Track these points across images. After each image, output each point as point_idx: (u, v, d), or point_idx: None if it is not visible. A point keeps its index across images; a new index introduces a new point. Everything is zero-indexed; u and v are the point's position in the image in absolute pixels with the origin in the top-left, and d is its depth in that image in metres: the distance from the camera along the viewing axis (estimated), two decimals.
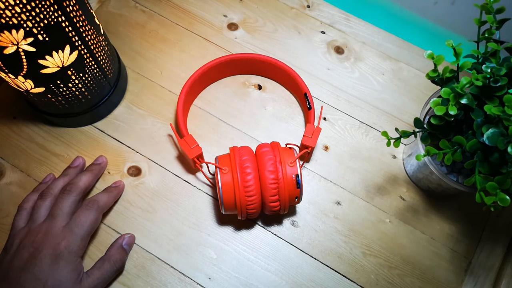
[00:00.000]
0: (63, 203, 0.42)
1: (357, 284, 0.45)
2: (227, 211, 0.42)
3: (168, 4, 0.59)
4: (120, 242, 0.44)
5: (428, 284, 0.46)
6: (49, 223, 0.41)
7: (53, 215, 0.41)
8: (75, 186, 0.43)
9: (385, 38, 0.58)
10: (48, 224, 0.41)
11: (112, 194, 0.46)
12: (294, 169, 0.41)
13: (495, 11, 0.38)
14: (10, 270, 0.38)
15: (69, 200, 0.42)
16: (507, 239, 0.48)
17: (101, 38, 0.45)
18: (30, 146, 0.50)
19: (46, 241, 0.39)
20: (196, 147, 0.45)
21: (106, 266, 0.42)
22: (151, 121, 0.52)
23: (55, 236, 0.40)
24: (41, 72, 0.39)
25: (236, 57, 0.52)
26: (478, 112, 0.36)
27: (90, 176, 0.45)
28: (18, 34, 0.34)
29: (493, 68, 0.36)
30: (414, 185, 0.50)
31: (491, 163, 0.36)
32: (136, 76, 0.54)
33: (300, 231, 0.47)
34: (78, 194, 0.43)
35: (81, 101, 0.46)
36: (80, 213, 0.42)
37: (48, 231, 0.40)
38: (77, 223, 0.41)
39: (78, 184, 0.44)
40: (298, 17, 0.59)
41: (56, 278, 0.38)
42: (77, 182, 0.44)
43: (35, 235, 0.40)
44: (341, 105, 0.54)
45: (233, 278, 0.45)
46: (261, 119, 0.53)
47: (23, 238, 0.40)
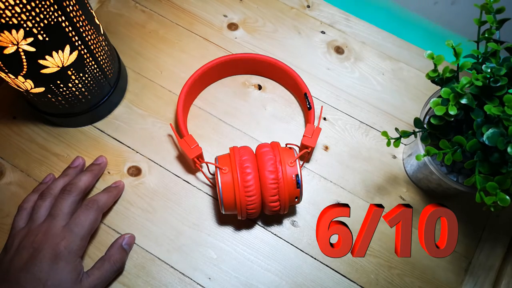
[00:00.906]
0: (63, 203, 0.42)
1: (357, 284, 0.45)
2: (227, 211, 0.42)
3: (168, 4, 0.59)
4: (120, 242, 0.44)
5: (428, 284, 0.46)
6: (49, 223, 0.41)
7: (52, 215, 0.41)
8: (75, 186, 0.43)
9: (385, 38, 0.58)
10: (47, 224, 0.41)
11: (112, 194, 0.46)
12: (294, 169, 0.41)
13: (495, 11, 0.38)
14: (10, 270, 0.38)
15: (69, 200, 0.42)
16: (507, 239, 0.48)
17: (101, 38, 0.45)
18: (30, 146, 0.50)
19: (46, 241, 0.39)
20: (196, 147, 0.45)
21: (106, 266, 0.42)
22: (151, 121, 0.52)
23: (55, 236, 0.40)
24: (41, 72, 0.39)
25: (236, 57, 0.52)
26: (478, 112, 0.36)
27: (90, 176, 0.46)
28: (18, 34, 0.34)
29: (493, 68, 0.36)
30: (414, 185, 0.50)
31: (491, 163, 0.36)
32: (136, 76, 0.54)
33: (300, 231, 0.47)
34: (78, 194, 0.43)
35: (81, 101, 0.46)
36: (80, 213, 0.42)
37: (48, 231, 0.40)
38: (77, 223, 0.41)
39: (78, 184, 0.44)
40: (298, 17, 0.59)
41: (56, 278, 0.38)
42: (77, 182, 0.44)
43: (35, 235, 0.40)
44: (341, 105, 0.54)
45: (233, 278, 0.45)
46: (261, 119, 0.53)
47: (23, 239, 0.40)
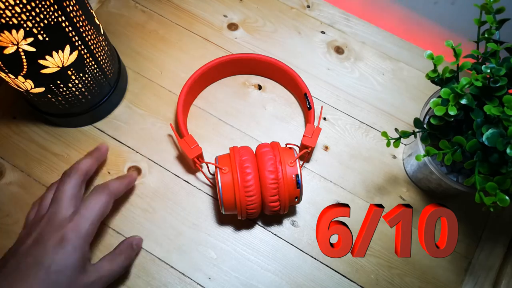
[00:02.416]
0: (64, 186, 0.40)
1: (357, 284, 0.45)
2: (227, 211, 0.42)
3: (168, 4, 0.59)
4: (131, 241, 0.43)
5: (428, 284, 0.46)
6: (52, 208, 0.39)
7: (55, 200, 0.39)
8: (75, 169, 0.42)
9: (385, 38, 0.58)
10: (51, 209, 0.39)
11: (124, 181, 0.44)
12: (294, 169, 0.41)
13: (495, 11, 0.38)
14: (12, 258, 0.36)
15: (71, 182, 0.40)
16: (507, 239, 0.48)
17: (101, 38, 0.45)
18: (30, 146, 0.50)
19: (50, 225, 0.37)
20: (196, 147, 0.45)
21: (118, 260, 0.40)
22: (151, 121, 0.52)
23: (62, 220, 0.38)
24: (41, 72, 0.39)
25: (236, 57, 0.52)
26: (478, 112, 0.37)
27: (90, 159, 0.44)
28: (18, 34, 0.34)
29: (493, 69, 0.36)
30: (414, 185, 0.50)
31: (490, 163, 0.36)
32: (136, 76, 0.54)
33: (300, 231, 0.47)
34: (79, 176, 0.41)
35: (81, 101, 0.46)
36: (90, 196, 0.40)
37: (53, 215, 0.38)
38: (87, 206, 0.39)
39: (78, 166, 0.42)
40: (298, 17, 0.59)
41: (60, 263, 0.35)
42: (77, 165, 0.42)
43: (41, 221, 0.38)
44: (341, 105, 0.54)
45: (233, 278, 0.45)
46: (261, 119, 0.53)
47: (30, 227, 0.39)
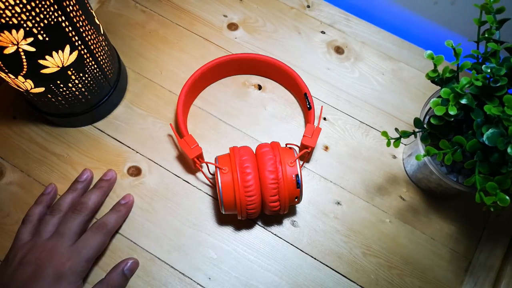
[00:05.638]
0: (72, 223, 0.41)
1: (357, 284, 0.45)
2: (227, 211, 0.42)
3: (168, 4, 0.59)
4: (122, 267, 0.43)
5: (428, 284, 0.46)
6: (56, 241, 0.40)
7: (60, 233, 0.41)
8: (84, 206, 0.43)
9: (385, 38, 0.58)
10: (54, 241, 0.40)
11: (121, 213, 0.45)
12: (294, 169, 0.41)
13: (495, 11, 0.38)
14: (10, 285, 0.38)
15: (78, 220, 0.42)
16: (507, 239, 0.48)
17: (101, 38, 0.45)
18: (30, 146, 0.50)
19: (51, 259, 0.39)
20: (196, 147, 0.45)
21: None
22: (151, 121, 0.52)
23: (61, 255, 0.39)
24: (41, 72, 0.39)
25: (236, 57, 0.52)
26: (478, 112, 0.36)
27: (99, 195, 0.45)
28: (18, 34, 0.34)
29: (493, 68, 0.36)
30: (414, 185, 0.50)
31: (491, 163, 0.36)
32: (136, 76, 0.54)
33: (300, 231, 0.47)
34: (87, 214, 0.43)
35: (81, 101, 0.46)
36: (89, 235, 0.41)
37: (54, 249, 0.39)
38: (85, 245, 0.40)
39: (88, 203, 0.43)
40: (298, 17, 0.59)
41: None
42: (87, 202, 0.43)
43: (40, 251, 0.39)
44: (341, 105, 0.54)
45: (233, 278, 0.45)
46: (261, 119, 0.53)
47: (27, 253, 0.40)
